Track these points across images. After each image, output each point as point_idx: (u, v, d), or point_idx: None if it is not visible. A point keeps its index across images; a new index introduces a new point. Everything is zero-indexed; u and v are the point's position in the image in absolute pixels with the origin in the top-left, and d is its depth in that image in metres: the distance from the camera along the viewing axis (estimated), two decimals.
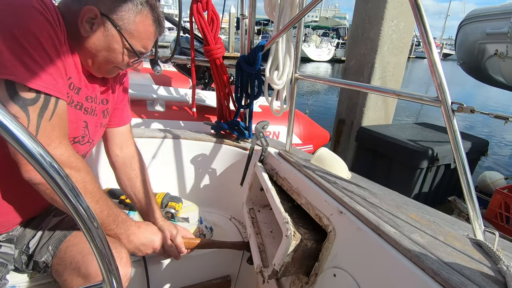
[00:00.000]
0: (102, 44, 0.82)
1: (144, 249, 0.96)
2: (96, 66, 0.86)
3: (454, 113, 0.64)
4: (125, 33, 0.82)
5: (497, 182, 3.27)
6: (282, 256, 0.79)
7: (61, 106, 0.73)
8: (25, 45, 0.64)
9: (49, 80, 0.69)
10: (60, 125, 0.73)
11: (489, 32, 3.38)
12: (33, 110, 0.67)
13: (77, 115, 0.86)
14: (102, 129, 1.03)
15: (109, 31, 0.81)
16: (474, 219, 0.66)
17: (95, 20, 0.79)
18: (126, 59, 0.87)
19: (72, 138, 0.87)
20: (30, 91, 0.66)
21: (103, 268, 0.44)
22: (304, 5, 1.07)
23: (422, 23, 0.63)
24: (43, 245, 0.90)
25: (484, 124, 8.19)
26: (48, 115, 0.70)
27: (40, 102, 0.68)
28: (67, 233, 0.90)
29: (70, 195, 0.37)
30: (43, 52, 0.67)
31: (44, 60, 0.68)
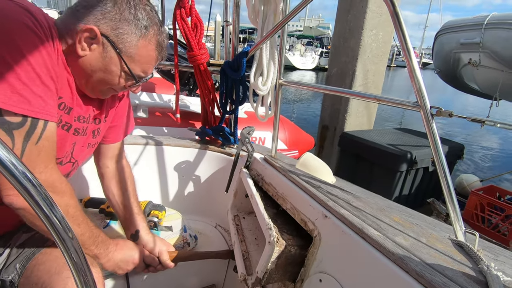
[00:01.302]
0: (99, 65, 0.77)
1: (123, 265, 0.93)
2: (90, 86, 0.81)
3: (433, 117, 0.66)
4: (125, 57, 0.78)
5: (473, 185, 3.42)
6: (265, 263, 0.78)
7: (50, 128, 0.69)
8: (13, 66, 0.60)
9: (38, 103, 0.65)
10: (47, 148, 0.70)
11: (463, 42, 3.57)
12: (18, 134, 0.63)
13: (64, 136, 0.81)
14: (90, 150, 0.97)
15: (108, 53, 0.76)
16: (455, 221, 0.68)
17: (94, 41, 0.74)
18: (122, 82, 0.82)
19: (60, 159, 0.84)
20: (16, 115, 0.62)
21: (78, 280, 0.41)
22: (287, 12, 1.08)
23: (400, 30, 0.65)
24: (11, 263, 0.84)
25: (459, 129, 8.55)
26: (34, 138, 0.66)
27: (27, 126, 0.64)
28: (35, 251, 0.85)
29: (43, 205, 0.35)
30: (33, 73, 0.63)
31: (34, 82, 0.64)
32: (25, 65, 0.62)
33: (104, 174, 1.08)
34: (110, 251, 0.89)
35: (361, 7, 3.24)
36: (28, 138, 0.65)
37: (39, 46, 0.64)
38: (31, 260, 0.84)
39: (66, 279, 0.76)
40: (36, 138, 0.66)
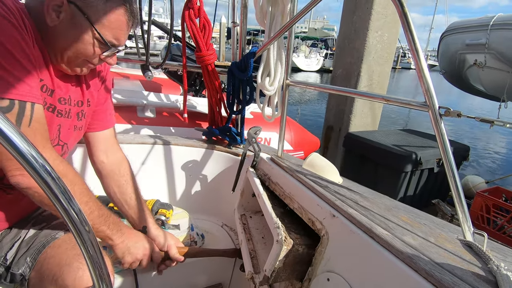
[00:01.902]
0: (70, 34, 0.76)
1: (134, 251, 0.93)
2: (66, 60, 0.80)
3: (442, 117, 0.66)
4: (94, 23, 0.76)
5: (478, 186, 3.40)
6: (273, 261, 0.79)
7: (38, 110, 0.71)
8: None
9: (22, 87, 0.67)
10: (40, 130, 0.71)
11: (468, 43, 3.55)
12: (10, 117, 0.65)
13: (50, 117, 0.82)
14: (78, 132, 0.97)
15: (77, 20, 0.75)
16: (464, 221, 0.68)
17: (62, 8, 0.73)
18: (97, 51, 0.80)
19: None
20: (3, 100, 0.65)
21: (94, 273, 0.42)
22: (295, 13, 1.09)
23: (409, 30, 0.65)
24: (21, 256, 0.86)
25: (464, 131, 8.48)
26: (26, 121, 0.68)
27: (16, 109, 0.66)
28: (45, 243, 0.87)
29: (62, 198, 0.36)
30: (12, 59, 0.65)
31: (15, 68, 0.65)
32: (5, 53, 0.63)
33: (102, 171, 1.06)
34: (124, 233, 0.90)
35: (366, 9, 3.24)
36: (20, 121, 0.67)
37: (13, 32, 0.65)
38: (41, 253, 0.85)
39: (77, 269, 0.77)
40: (27, 120, 0.68)
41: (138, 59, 1.53)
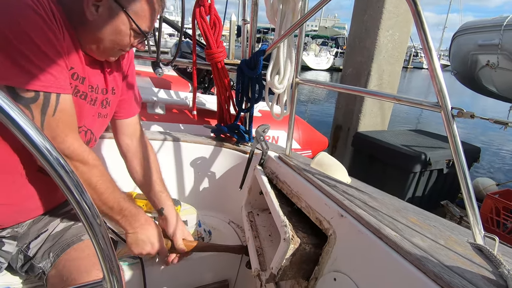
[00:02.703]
0: (109, 27, 0.80)
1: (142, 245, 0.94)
2: (102, 50, 0.84)
3: (454, 118, 0.65)
4: (131, 14, 0.80)
5: (489, 188, 3.34)
6: (280, 259, 0.79)
7: (64, 101, 0.73)
8: (18, 46, 0.64)
9: (47, 78, 0.69)
10: (64, 119, 0.73)
11: (481, 44, 3.49)
12: (36, 108, 0.68)
13: (82, 105, 0.86)
14: (102, 120, 0.99)
15: (115, 13, 0.79)
16: (474, 224, 0.66)
17: (101, 3, 0.77)
18: (132, 40, 0.85)
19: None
20: (29, 92, 0.67)
21: (104, 266, 0.43)
22: (306, 11, 1.08)
23: (422, 29, 0.64)
24: (46, 250, 0.88)
25: (475, 132, 8.32)
26: (50, 111, 0.70)
27: (41, 100, 0.69)
28: (70, 243, 0.89)
29: (75, 191, 0.37)
30: (37, 50, 0.66)
31: (40, 59, 0.67)
32: (31, 45, 0.65)
33: (126, 153, 1.10)
34: (137, 226, 0.92)
35: (378, 7, 3.20)
36: (44, 111, 0.69)
37: (40, 24, 0.67)
38: (65, 252, 0.87)
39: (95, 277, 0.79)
40: (52, 111, 0.70)
41: (148, 56, 1.54)
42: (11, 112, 0.31)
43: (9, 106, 0.30)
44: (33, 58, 0.66)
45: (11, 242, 0.88)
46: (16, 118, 0.31)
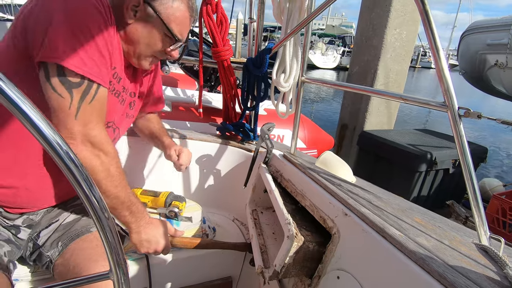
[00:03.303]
0: (144, 30, 0.88)
1: (147, 245, 0.95)
2: (137, 54, 0.92)
3: (461, 118, 0.65)
4: (164, 18, 0.87)
5: (495, 189, 3.30)
6: (283, 256, 0.79)
7: (101, 92, 0.78)
8: (78, 35, 0.71)
9: (94, 68, 0.75)
10: (98, 109, 0.78)
11: (489, 43, 3.44)
12: (76, 92, 0.73)
13: (115, 102, 0.93)
14: (128, 120, 1.08)
15: (150, 17, 0.87)
16: (480, 225, 0.66)
17: (139, 8, 0.85)
18: (165, 45, 0.92)
19: (106, 123, 0.92)
20: (76, 76, 0.72)
21: (111, 259, 0.44)
22: (313, 9, 1.08)
23: (429, 27, 0.64)
24: (55, 239, 0.90)
25: (482, 132, 8.20)
26: (89, 98, 0.75)
27: (84, 86, 0.74)
28: (80, 234, 0.91)
29: (84, 185, 0.38)
30: (92, 42, 0.73)
31: (92, 50, 0.74)
32: (89, 38, 0.73)
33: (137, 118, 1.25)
34: (141, 225, 0.92)
35: (385, 6, 3.17)
36: (84, 97, 0.74)
37: (100, 22, 0.75)
38: (73, 242, 0.89)
39: (102, 267, 0.80)
40: (90, 98, 0.76)
41: None
42: (22, 106, 0.31)
43: (21, 100, 0.31)
44: (88, 49, 0.73)
45: (26, 230, 0.91)
46: (28, 112, 0.32)
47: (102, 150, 0.78)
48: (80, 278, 0.45)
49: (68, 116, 0.73)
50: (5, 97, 0.31)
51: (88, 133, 0.75)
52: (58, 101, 0.72)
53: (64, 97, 0.72)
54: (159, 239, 0.96)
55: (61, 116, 0.73)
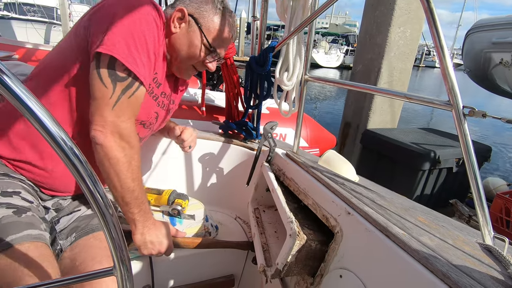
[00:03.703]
0: (185, 40, 0.96)
1: (150, 246, 0.94)
2: (179, 62, 1.00)
3: (466, 117, 0.64)
4: (204, 30, 0.96)
5: (499, 188, 3.29)
6: (286, 255, 0.79)
7: (141, 90, 0.84)
8: (135, 37, 0.80)
9: (140, 67, 0.82)
10: (134, 105, 0.84)
11: (494, 41, 3.42)
12: (120, 86, 0.80)
13: (152, 104, 1.00)
14: (162, 124, 1.16)
15: (192, 28, 0.96)
16: (484, 225, 0.66)
17: (183, 20, 0.95)
18: (202, 55, 0.99)
19: (140, 121, 0.99)
20: (124, 71, 0.79)
21: (115, 255, 0.44)
22: (316, 8, 1.08)
23: (434, 26, 0.63)
24: (71, 229, 0.92)
25: (487, 131, 8.14)
26: (129, 93, 0.81)
27: (128, 82, 0.81)
28: (94, 229, 0.92)
29: (88, 181, 0.38)
30: (144, 46, 0.82)
31: (143, 52, 0.82)
32: (143, 42, 0.82)
33: None
34: (146, 226, 0.91)
35: (389, 4, 3.16)
36: (125, 91, 0.80)
37: (154, 33, 0.85)
38: (85, 237, 0.90)
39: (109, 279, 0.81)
40: (130, 93, 0.82)
41: None
42: (28, 102, 0.32)
43: (27, 96, 0.31)
44: (140, 50, 0.81)
45: (52, 213, 0.95)
46: (33, 108, 0.32)
47: (128, 143, 0.82)
48: (84, 274, 0.45)
49: (106, 105, 0.78)
50: (11, 93, 0.31)
51: (119, 124, 0.80)
52: (101, 90, 0.78)
53: (108, 88, 0.78)
54: (162, 240, 0.95)
55: (100, 104, 0.78)
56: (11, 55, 2.87)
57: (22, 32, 10.93)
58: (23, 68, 1.95)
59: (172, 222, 1.22)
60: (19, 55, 3.25)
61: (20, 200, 0.81)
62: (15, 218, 0.75)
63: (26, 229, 0.74)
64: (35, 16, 12.39)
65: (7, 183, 0.83)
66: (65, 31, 6.94)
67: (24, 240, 0.71)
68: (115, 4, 0.81)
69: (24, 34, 10.66)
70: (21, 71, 1.39)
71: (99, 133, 0.78)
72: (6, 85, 0.31)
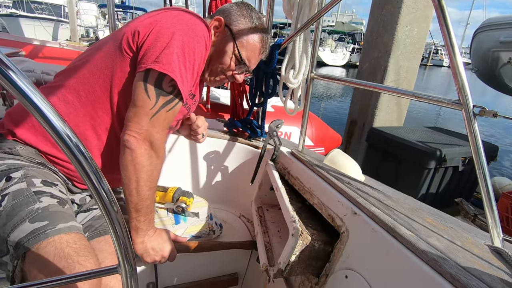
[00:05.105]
0: (219, 47, 0.99)
1: (152, 253, 0.94)
2: (210, 68, 1.03)
3: (476, 117, 0.63)
4: (237, 42, 0.99)
5: (506, 187, 3.26)
6: (288, 255, 0.78)
7: (179, 106, 0.88)
8: (186, 57, 0.84)
9: (185, 85, 0.86)
10: (170, 118, 0.88)
11: (502, 40, 3.37)
12: (162, 99, 0.84)
13: (182, 111, 1.04)
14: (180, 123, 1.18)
15: (226, 38, 0.99)
16: (493, 227, 0.64)
17: (219, 29, 0.99)
18: (232, 65, 1.02)
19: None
20: (170, 87, 0.83)
21: (120, 253, 0.44)
22: (323, 5, 1.06)
23: (445, 24, 0.62)
24: (85, 228, 0.94)
25: (494, 129, 8.04)
26: (169, 107, 0.85)
27: (170, 96, 0.85)
28: (107, 232, 0.93)
29: (93, 178, 0.37)
30: (192, 65, 0.87)
31: (190, 71, 0.86)
32: (192, 61, 0.86)
33: None
34: (148, 234, 0.93)
35: (396, 2, 3.13)
36: (165, 105, 0.85)
37: (202, 52, 0.90)
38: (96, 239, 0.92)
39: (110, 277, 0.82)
40: (169, 107, 0.86)
41: None
42: (34, 98, 0.31)
43: (32, 92, 0.31)
44: (187, 68, 0.85)
45: (75, 209, 0.97)
46: (39, 104, 0.32)
47: (156, 153, 0.86)
48: (89, 271, 0.45)
49: (146, 115, 0.82)
50: (17, 89, 0.31)
51: (153, 134, 0.84)
52: (144, 100, 0.81)
53: (151, 99, 0.82)
54: (163, 245, 0.96)
55: (140, 112, 0.82)
56: (18, 51, 2.90)
57: (30, 29, 11.05)
58: (29, 64, 1.97)
59: (177, 219, 1.22)
60: (25, 52, 3.28)
61: (59, 192, 0.83)
62: (60, 208, 0.77)
63: (70, 220, 0.76)
64: (43, 13, 12.51)
65: (46, 173, 0.85)
66: (73, 29, 6.99)
67: (71, 230, 0.73)
68: (173, 23, 0.86)
69: (32, 32, 10.77)
70: (27, 68, 1.40)
71: (133, 138, 0.82)
72: (12, 80, 0.31)
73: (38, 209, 0.73)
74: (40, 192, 0.77)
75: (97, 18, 16.53)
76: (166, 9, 0.95)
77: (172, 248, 0.99)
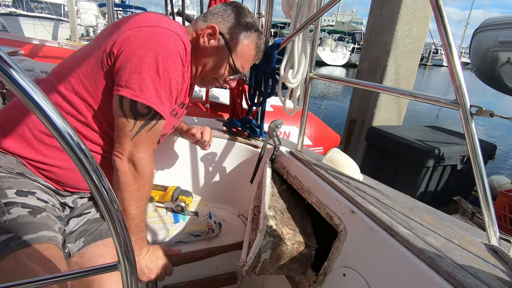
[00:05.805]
0: (212, 56, 0.99)
1: (147, 271, 0.94)
2: (202, 75, 1.03)
3: (473, 117, 0.63)
4: (232, 51, 0.99)
5: (504, 186, 3.27)
6: (254, 250, 0.78)
7: (160, 124, 0.89)
8: (160, 77, 0.83)
9: (165, 105, 0.86)
10: (152, 137, 0.89)
11: (502, 40, 3.39)
12: (140, 120, 0.84)
13: (172, 120, 1.05)
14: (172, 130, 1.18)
15: (220, 46, 0.98)
16: (489, 226, 0.65)
17: (213, 37, 0.98)
18: (226, 73, 1.02)
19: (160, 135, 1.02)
20: (145, 108, 0.83)
21: (120, 250, 0.45)
22: (322, 5, 1.07)
23: (442, 23, 0.62)
24: (80, 232, 0.91)
25: (492, 128, 8.06)
26: (148, 127, 0.86)
27: (148, 117, 0.85)
28: (103, 235, 0.92)
29: (94, 176, 0.38)
30: (168, 84, 0.85)
31: (166, 90, 0.85)
32: (167, 81, 0.84)
33: None
34: (142, 253, 0.93)
35: (396, 2, 3.14)
36: (145, 125, 0.85)
37: (179, 69, 0.87)
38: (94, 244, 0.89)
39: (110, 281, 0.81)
40: (149, 127, 0.86)
41: None
42: (35, 96, 0.32)
43: (34, 91, 0.32)
44: (162, 88, 0.84)
45: (67, 213, 0.95)
46: (40, 103, 0.32)
47: (140, 173, 0.87)
48: (89, 268, 0.46)
49: (126, 136, 0.84)
50: (19, 87, 0.31)
51: (135, 154, 0.85)
52: (123, 123, 0.83)
53: (129, 122, 0.84)
54: (158, 262, 0.96)
55: (121, 135, 0.84)
56: (17, 50, 2.89)
57: (30, 29, 11.02)
58: (28, 63, 1.96)
59: (176, 218, 1.23)
60: (25, 51, 3.27)
61: (35, 200, 0.81)
62: (31, 219, 0.75)
63: (41, 230, 0.74)
64: (43, 13, 12.49)
65: (23, 182, 0.83)
66: (73, 28, 6.98)
67: (39, 241, 0.71)
68: (145, 42, 0.82)
69: (32, 31, 10.75)
70: (26, 67, 1.40)
71: (117, 158, 0.85)
72: (14, 79, 0.31)
73: (6, 221, 0.71)
74: (10, 203, 0.75)
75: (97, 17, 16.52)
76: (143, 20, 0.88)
77: (166, 264, 0.99)
